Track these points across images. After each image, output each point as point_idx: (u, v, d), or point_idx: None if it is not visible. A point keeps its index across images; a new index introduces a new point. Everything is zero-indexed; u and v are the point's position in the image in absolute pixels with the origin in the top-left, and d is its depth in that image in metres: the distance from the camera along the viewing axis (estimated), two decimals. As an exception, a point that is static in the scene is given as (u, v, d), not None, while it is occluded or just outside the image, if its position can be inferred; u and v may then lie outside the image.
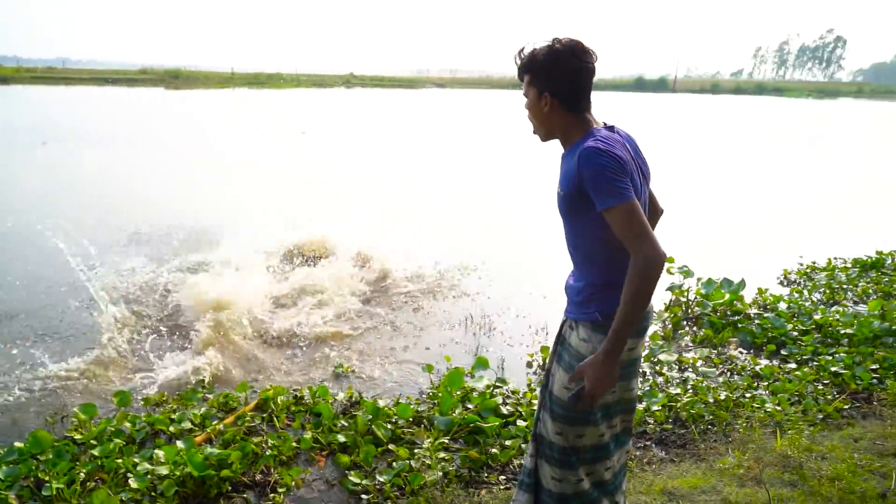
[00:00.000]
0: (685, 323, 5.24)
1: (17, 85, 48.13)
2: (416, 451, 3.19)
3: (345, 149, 17.19)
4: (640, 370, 4.16)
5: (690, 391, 3.95)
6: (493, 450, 3.26)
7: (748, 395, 3.91)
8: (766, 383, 4.10)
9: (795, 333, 4.83)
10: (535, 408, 2.53)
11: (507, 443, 3.32)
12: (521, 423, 3.51)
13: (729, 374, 4.33)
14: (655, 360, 4.46)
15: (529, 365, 4.57)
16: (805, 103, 57.48)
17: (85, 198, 9.87)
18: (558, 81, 1.93)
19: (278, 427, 3.53)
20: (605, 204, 1.80)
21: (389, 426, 3.46)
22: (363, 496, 2.95)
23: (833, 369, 4.21)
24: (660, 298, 5.78)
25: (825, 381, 4.12)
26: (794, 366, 4.37)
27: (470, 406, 3.69)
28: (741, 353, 4.68)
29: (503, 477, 3.11)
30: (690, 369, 4.36)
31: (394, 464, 3.14)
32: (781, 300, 5.57)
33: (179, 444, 3.19)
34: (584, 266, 2.05)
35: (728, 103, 53.16)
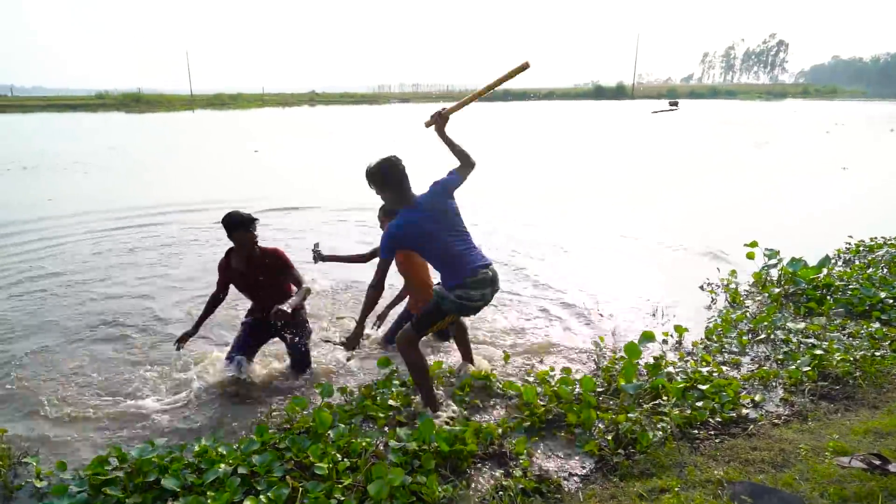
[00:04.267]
0: (783, 299, 5.61)
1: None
2: (630, 415, 3.42)
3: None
4: (771, 337, 4.60)
5: (838, 352, 4.26)
6: (687, 411, 3.53)
7: (877, 354, 4.28)
8: (886, 343, 4.49)
9: (891, 301, 5.25)
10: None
11: (699, 403, 3.60)
12: (702, 386, 3.79)
13: (847, 337, 4.70)
14: (785, 328, 4.81)
15: (665, 342, 4.87)
16: (765, 105, 59.94)
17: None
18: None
19: (481, 405, 3.75)
20: None
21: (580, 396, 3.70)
22: (599, 454, 3.19)
23: (940, 328, 4.63)
24: (746, 279, 6.20)
25: (933, 339, 4.53)
26: (902, 327, 4.78)
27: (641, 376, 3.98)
28: (848, 321, 5.07)
29: (713, 432, 3.39)
30: (813, 336, 4.71)
31: (610, 427, 3.39)
32: (854, 274, 6.01)
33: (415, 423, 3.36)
34: None
35: (701, 108, 55.07)
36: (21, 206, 10.78)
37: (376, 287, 3.52)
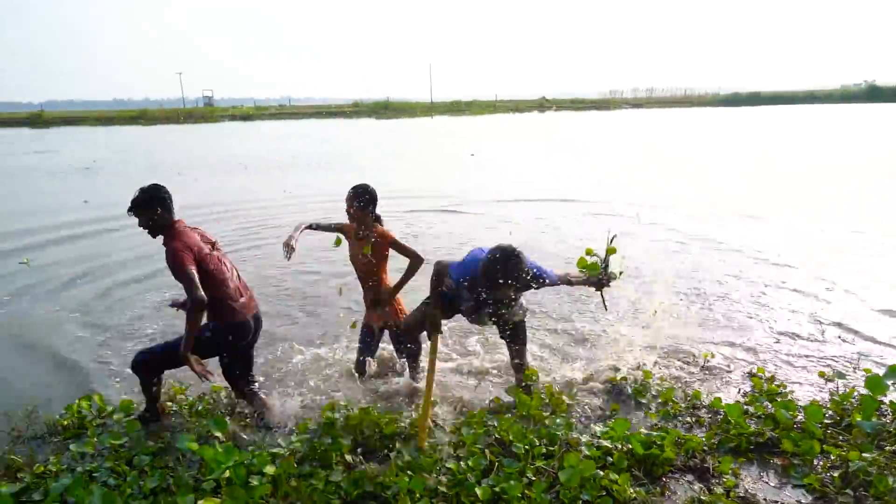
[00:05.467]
0: None
1: (259, 121, 56.18)
2: (865, 454, 3.02)
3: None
4: None
5: None
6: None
7: None
8: None
9: None
10: None
11: (964, 458, 3.03)
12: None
13: None
14: None
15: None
16: None
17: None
18: None
19: (684, 420, 3.62)
20: None
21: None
22: (820, 490, 2.88)
23: None
24: None
25: None
26: None
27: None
28: None
29: (979, 492, 2.84)
30: None
31: (838, 463, 3.03)
32: None
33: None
34: None
35: None
36: (264, 195, 13.07)
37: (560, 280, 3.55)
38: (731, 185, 13.47)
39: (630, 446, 3.13)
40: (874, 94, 67.35)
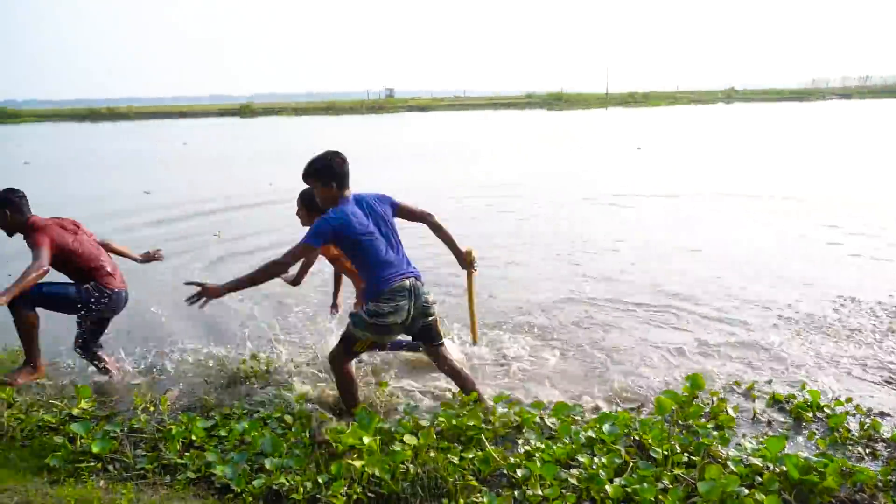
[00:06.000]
0: None
1: (433, 112, 58.62)
2: None
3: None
4: None
5: None
6: None
7: None
8: None
9: None
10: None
11: None
12: None
13: None
14: None
15: None
16: None
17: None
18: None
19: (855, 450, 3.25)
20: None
21: None
22: None
23: None
24: None
25: None
26: None
27: None
28: None
29: None
30: None
31: None
32: None
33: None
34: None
35: None
36: (419, 183, 13.48)
37: (283, 265, 3.31)
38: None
39: (784, 468, 2.89)
40: None
